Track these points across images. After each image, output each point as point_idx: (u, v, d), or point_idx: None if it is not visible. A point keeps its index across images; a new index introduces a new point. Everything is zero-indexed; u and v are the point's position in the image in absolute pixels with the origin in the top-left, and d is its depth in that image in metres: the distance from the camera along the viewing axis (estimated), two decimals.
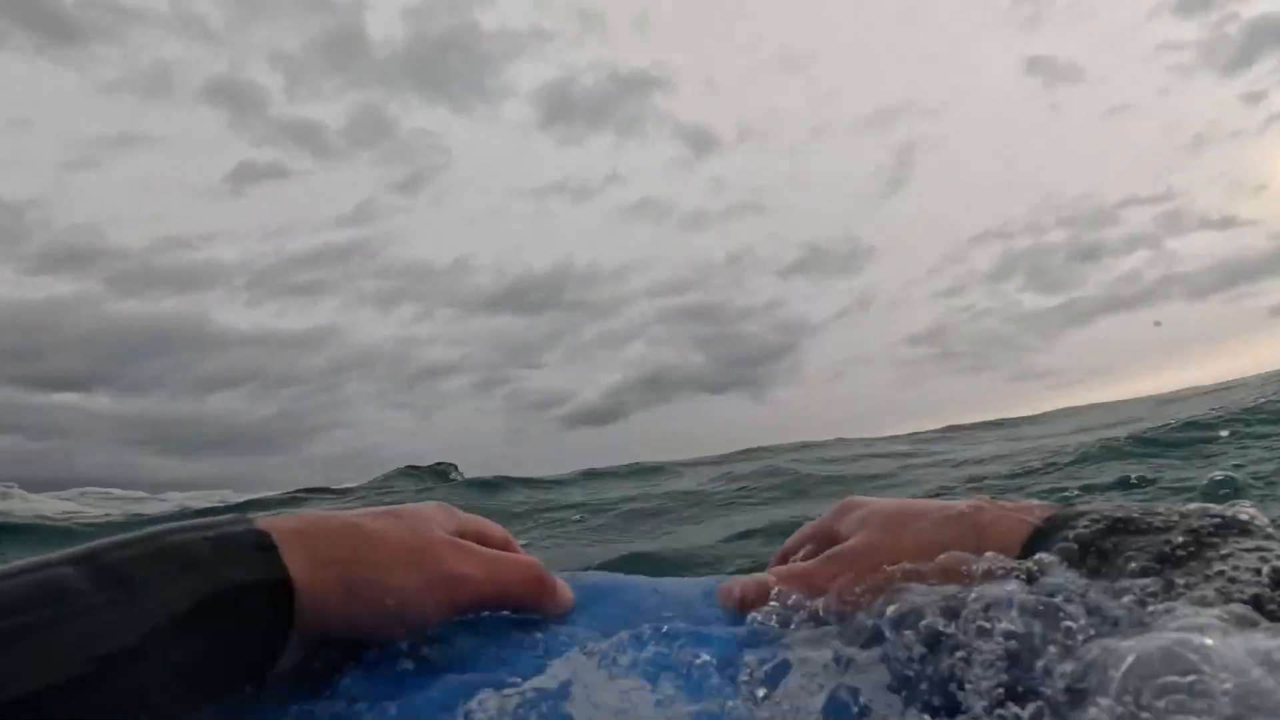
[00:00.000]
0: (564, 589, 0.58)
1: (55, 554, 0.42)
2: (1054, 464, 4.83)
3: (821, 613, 0.54)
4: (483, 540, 0.59)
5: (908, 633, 0.46)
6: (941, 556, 0.51)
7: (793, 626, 0.54)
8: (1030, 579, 0.46)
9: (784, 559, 0.68)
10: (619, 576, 0.65)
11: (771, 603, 0.56)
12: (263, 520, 0.50)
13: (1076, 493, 4.01)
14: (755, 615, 0.55)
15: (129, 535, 0.45)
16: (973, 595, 0.44)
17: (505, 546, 0.61)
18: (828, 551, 0.59)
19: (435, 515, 0.57)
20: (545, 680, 0.48)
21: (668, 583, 0.65)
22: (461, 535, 0.57)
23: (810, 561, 0.60)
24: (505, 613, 0.57)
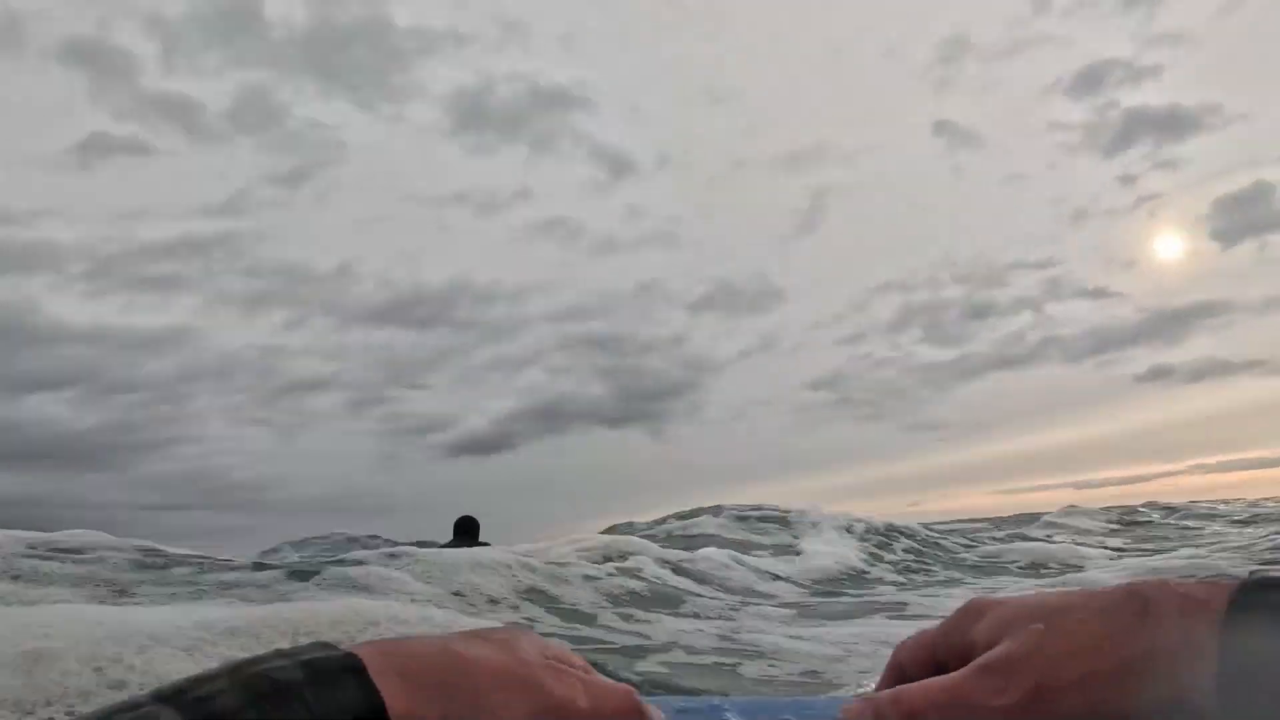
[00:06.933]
0: (659, 716, 0.54)
1: (144, 694, 0.39)
2: None
3: None
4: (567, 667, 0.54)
5: None
6: (1122, 649, 0.44)
7: None
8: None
9: (898, 673, 0.56)
10: (716, 699, 0.60)
11: None
12: (353, 646, 0.46)
13: None
14: None
15: (216, 669, 0.42)
16: None
17: (586, 674, 0.55)
18: (978, 661, 0.48)
19: (525, 640, 0.53)
20: None
21: (766, 704, 0.59)
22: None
23: (955, 675, 0.49)
24: None
